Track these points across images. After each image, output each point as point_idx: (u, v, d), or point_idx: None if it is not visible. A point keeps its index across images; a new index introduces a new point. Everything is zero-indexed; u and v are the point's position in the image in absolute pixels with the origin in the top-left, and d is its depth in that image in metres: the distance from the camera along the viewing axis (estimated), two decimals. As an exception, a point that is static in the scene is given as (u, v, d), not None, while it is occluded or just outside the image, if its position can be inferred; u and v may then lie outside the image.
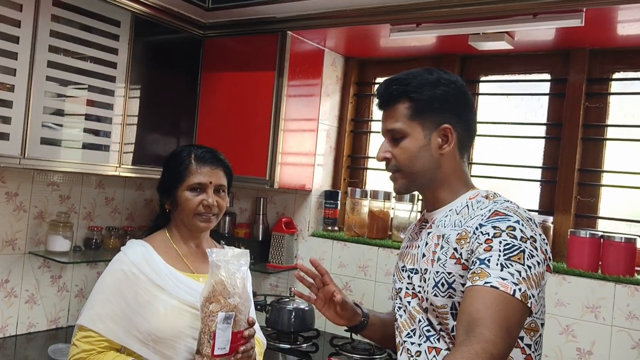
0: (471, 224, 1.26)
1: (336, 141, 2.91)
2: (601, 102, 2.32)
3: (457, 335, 1.13)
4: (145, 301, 1.52)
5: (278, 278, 2.81)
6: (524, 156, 2.47)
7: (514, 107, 2.53)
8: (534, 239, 1.19)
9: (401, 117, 1.34)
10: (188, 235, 1.67)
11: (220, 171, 1.66)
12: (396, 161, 1.36)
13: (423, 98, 1.33)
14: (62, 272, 2.53)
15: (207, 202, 1.61)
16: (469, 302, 1.13)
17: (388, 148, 1.38)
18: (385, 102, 1.38)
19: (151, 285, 1.54)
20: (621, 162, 2.27)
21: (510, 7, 1.98)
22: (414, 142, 1.34)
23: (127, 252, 1.59)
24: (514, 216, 1.22)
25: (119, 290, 1.53)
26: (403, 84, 1.35)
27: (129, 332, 1.50)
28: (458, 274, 1.25)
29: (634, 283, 2.01)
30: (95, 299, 1.54)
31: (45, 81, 2.07)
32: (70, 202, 2.53)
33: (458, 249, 1.26)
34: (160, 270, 1.57)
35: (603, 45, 2.29)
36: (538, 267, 1.17)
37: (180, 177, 1.62)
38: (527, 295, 1.12)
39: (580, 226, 2.29)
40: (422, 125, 1.33)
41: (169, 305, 1.53)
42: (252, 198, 2.93)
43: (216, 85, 2.69)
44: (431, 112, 1.33)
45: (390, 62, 2.84)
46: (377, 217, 2.63)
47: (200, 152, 1.67)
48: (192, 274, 1.63)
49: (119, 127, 2.34)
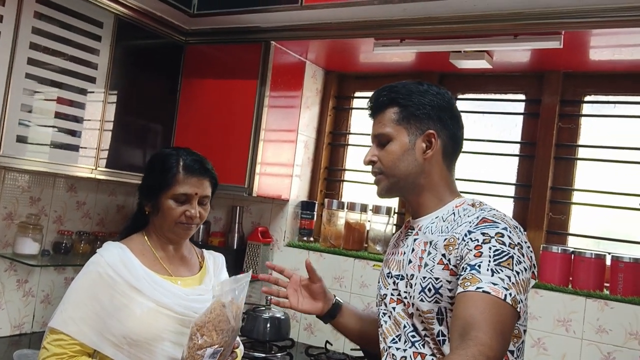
0: (459, 230, 1.28)
1: (314, 153, 2.92)
2: (573, 123, 2.41)
3: (452, 340, 1.14)
4: (121, 304, 1.48)
5: (252, 288, 2.78)
6: (499, 173, 2.54)
7: (489, 125, 2.60)
8: (520, 245, 1.23)
9: (388, 122, 1.39)
10: (166, 240, 1.65)
11: (207, 182, 1.63)
12: (381, 164, 1.40)
13: (410, 104, 1.38)
14: (29, 277, 2.45)
15: (190, 213, 1.58)
16: (462, 307, 1.15)
17: (375, 152, 1.42)
18: (375, 109, 1.43)
19: (128, 287, 1.50)
20: (591, 181, 2.35)
21: (492, 27, 2.05)
22: (398, 146, 1.38)
23: (103, 254, 1.54)
24: (501, 223, 1.25)
25: (94, 292, 1.49)
26: (393, 92, 1.40)
27: (103, 335, 1.46)
28: (445, 279, 1.27)
29: (603, 298, 2.08)
30: (69, 301, 1.49)
31: (24, 78, 2.03)
32: (40, 204, 2.46)
33: (446, 255, 1.28)
34: (138, 272, 1.53)
35: (576, 69, 2.38)
36: (525, 273, 1.20)
37: (166, 183, 1.58)
38: (517, 300, 1.15)
39: (552, 242, 2.36)
40: (408, 129, 1.38)
41: (145, 308, 1.49)
42: (227, 207, 2.91)
43: (196, 92, 2.67)
44: (417, 118, 1.38)
45: (369, 78, 2.89)
46: (353, 229, 2.65)
47: (189, 160, 1.61)
48: (170, 277, 1.60)
49: (96, 129, 2.30)
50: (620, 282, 2.07)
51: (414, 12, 2.10)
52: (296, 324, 2.62)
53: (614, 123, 2.36)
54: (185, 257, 1.69)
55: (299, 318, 2.64)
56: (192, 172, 1.60)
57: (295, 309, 1.54)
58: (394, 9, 2.10)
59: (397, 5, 2.05)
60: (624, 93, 2.33)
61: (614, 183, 2.29)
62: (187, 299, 1.57)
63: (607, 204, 2.29)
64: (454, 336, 1.13)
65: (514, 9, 1.96)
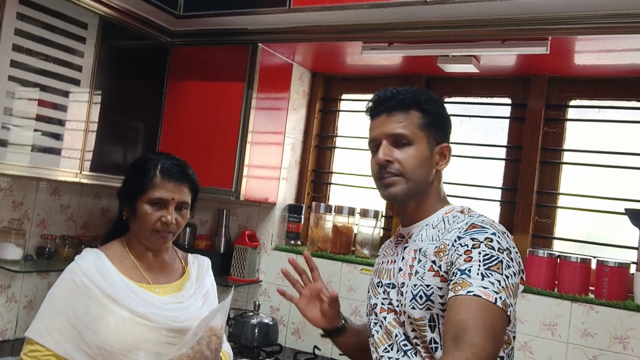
0: (449, 237, 1.29)
1: (301, 155, 2.91)
2: (558, 128, 2.43)
3: (445, 344, 1.14)
4: (96, 313, 1.45)
5: (238, 292, 2.77)
6: (485, 176, 2.55)
7: (475, 129, 2.62)
8: (509, 250, 1.24)
9: (411, 125, 1.35)
10: (145, 247, 1.61)
11: (186, 187, 1.59)
12: (401, 165, 1.35)
13: (432, 112, 1.38)
14: (12, 282, 2.40)
15: (166, 219, 1.54)
16: (454, 312, 1.15)
17: (391, 152, 1.36)
18: (393, 107, 1.37)
19: (103, 296, 1.47)
20: (576, 185, 2.38)
21: (480, 32, 2.06)
22: (420, 152, 1.35)
23: (79, 262, 1.52)
24: (490, 228, 1.27)
25: (69, 301, 1.46)
26: (415, 95, 1.37)
27: (78, 346, 1.44)
28: (436, 286, 1.27)
29: (588, 302, 2.10)
30: (45, 311, 1.47)
31: (7, 81, 1.99)
32: (23, 208, 2.42)
33: (437, 261, 1.28)
34: (113, 281, 1.50)
35: (561, 73, 2.40)
36: (514, 278, 1.21)
37: (143, 188, 1.55)
38: (507, 304, 1.16)
39: (537, 246, 2.38)
40: (428, 138, 1.37)
41: (120, 318, 1.47)
42: (213, 210, 2.89)
43: (182, 94, 2.65)
44: (436, 128, 1.38)
45: (356, 80, 2.88)
46: (340, 232, 2.64)
47: (167, 164, 1.58)
48: (149, 285, 1.57)
49: (81, 132, 2.27)
50: (605, 286, 2.09)
51: (403, 16, 2.10)
52: (284, 328, 2.62)
53: (599, 127, 2.39)
54: (166, 264, 1.65)
55: (287, 322, 2.63)
56: (169, 176, 1.56)
57: (300, 310, 1.50)
58: (382, 13, 2.10)
59: (386, 9, 2.05)
60: (608, 98, 2.36)
61: (599, 187, 2.31)
62: (165, 308, 1.54)
63: (592, 208, 2.31)
64: (447, 340, 1.14)
65: (502, 14, 1.97)
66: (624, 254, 2.23)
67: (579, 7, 1.85)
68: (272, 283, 2.70)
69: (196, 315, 1.58)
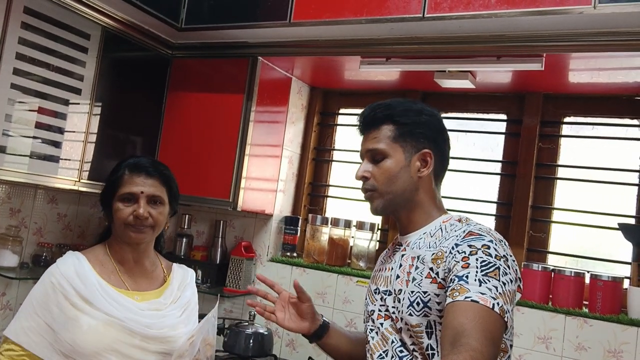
0: (446, 244, 1.31)
1: (298, 168, 2.94)
2: (553, 144, 2.46)
3: (443, 349, 1.15)
4: (72, 314, 1.47)
5: (233, 303, 2.77)
6: (480, 191, 2.57)
7: (471, 144, 2.65)
8: (506, 258, 1.26)
9: (384, 139, 1.40)
10: (126, 248, 1.61)
11: (156, 181, 1.59)
12: (375, 181, 1.41)
13: (407, 122, 1.41)
14: (7, 289, 2.40)
15: (138, 212, 1.54)
16: (452, 317, 1.17)
17: (368, 168, 1.42)
18: (368, 124, 1.44)
19: (78, 298, 1.49)
20: (570, 201, 2.40)
21: (476, 48, 2.10)
22: (394, 163, 1.39)
23: (59, 265, 1.54)
24: (487, 236, 1.29)
25: (46, 303, 1.49)
26: (389, 109, 1.42)
27: (53, 346, 1.46)
28: (434, 292, 1.29)
29: (582, 316, 2.11)
30: (23, 311, 1.50)
31: (9, 89, 2.01)
32: (20, 215, 2.43)
33: (434, 268, 1.30)
34: (91, 283, 1.52)
35: (556, 90, 2.44)
36: (511, 285, 1.23)
37: (114, 186, 1.58)
38: (504, 310, 1.17)
39: (532, 260, 2.40)
40: (404, 147, 1.40)
41: (93, 320, 1.48)
42: (210, 221, 2.90)
43: (182, 106, 2.67)
44: (413, 136, 1.41)
45: (353, 95, 2.92)
46: (337, 245, 2.66)
47: (135, 161, 1.61)
48: (127, 291, 1.58)
49: (80, 141, 2.29)
50: (599, 300, 2.11)
51: (400, 32, 2.14)
52: (278, 339, 2.61)
53: (593, 144, 2.42)
54: (146, 270, 1.66)
55: (282, 334, 2.63)
56: (137, 170, 1.59)
57: (281, 325, 1.55)
58: (380, 28, 2.14)
59: (384, 24, 2.08)
60: (602, 115, 2.40)
61: (592, 202, 2.34)
62: (140, 314, 1.55)
63: (586, 223, 2.34)
64: (445, 345, 1.15)
65: (498, 31, 2.01)
66: (618, 269, 2.25)
67: (573, 25, 1.89)
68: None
69: (173, 324, 1.59)
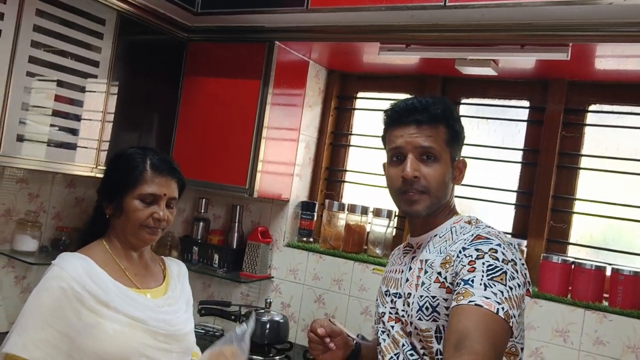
0: (454, 248, 1.29)
1: (315, 153, 2.91)
2: (577, 132, 2.40)
3: (446, 352, 1.13)
4: (93, 320, 1.38)
5: (249, 287, 2.78)
6: (500, 180, 2.53)
7: (492, 131, 2.59)
8: (514, 262, 1.23)
9: (439, 140, 1.35)
10: (129, 246, 1.54)
11: (175, 183, 1.55)
12: (427, 182, 1.34)
13: (456, 129, 1.39)
14: (27, 273, 2.44)
15: (158, 215, 1.49)
16: (455, 320, 1.15)
17: (419, 167, 1.35)
18: (424, 120, 1.35)
19: (96, 302, 1.39)
20: (593, 191, 2.35)
21: (499, 36, 2.03)
22: (444, 168, 1.36)
23: (64, 267, 1.40)
24: (495, 240, 1.26)
25: (59, 310, 1.36)
26: (446, 109, 1.38)
27: (72, 356, 1.36)
28: (442, 297, 1.27)
29: (602, 310, 2.08)
30: (29, 323, 1.35)
31: (25, 77, 2.00)
32: (39, 200, 2.45)
33: (442, 273, 1.28)
34: (106, 285, 1.43)
35: (581, 77, 2.37)
36: (518, 289, 1.20)
37: (132, 182, 1.48)
38: (509, 315, 1.14)
39: (552, 251, 2.36)
40: (450, 153, 1.38)
41: (118, 324, 1.40)
42: (226, 205, 2.90)
43: (198, 90, 2.65)
44: (456, 145, 1.40)
45: (372, 78, 2.86)
46: (353, 231, 2.64)
47: (156, 159, 1.54)
48: (138, 290, 1.52)
49: (97, 128, 2.28)
50: (619, 294, 2.07)
51: (421, 19, 2.08)
52: (294, 325, 2.63)
53: (618, 133, 2.35)
54: (149, 266, 1.61)
55: (297, 319, 2.65)
56: (160, 171, 1.52)
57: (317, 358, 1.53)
58: (400, 15, 2.07)
59: (404, 12, 2.02)
60: (629, 103, 2.32)
61: (616, 194, 2.28)
62: (159, 311, 1.51)
63: (609, 214, 2.29)
64: (448, 348, 1.13)
65: (522, 19, 1.94)
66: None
67: (600, 15, 1.82)
68: (283, 279, 2.72)
69: (185, 320, 1.57)
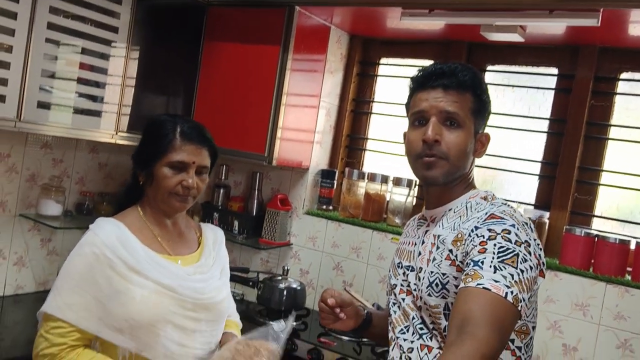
0: (467, 226, 1.26)
1: (336, 120, 2.87)
2: (606, 101, 2.31)
3: (449, 334, 1.11)
4: (121, 286, 1.41)
5: (269, 254, 2.80)
6: (525, 149, 2.47)
7: (518, 99, 2.52)
8: (528, 243, 1.19)
9: (465, 107, 1.31)
10: (162, 213, 1.56)
11: (205, 151, 1.55)
12: (447, 148, 1.30)
13: (483, 99, 1.34)
14: (52, 236, 2.50)
15: (187, 182, 1.50)
16: (461, 302, 1.13)
17: (441, 132, 1.30)
18: (451, 84, 1.30)
19: (127, 269, 1.42)
20: (621, 163, 2.28)
21: (527, 1, 1.95)
22: (467, 136, 1.32)
23: (98, 233, 1.45)
24: (509, 220, 1.22)
25: (91, 275, 1.40)
26: (475, 77, 1.33)
27: (103, 320, 1.40)
28: (452, 275, 1.25)
29: (624, 284, 2.04)
30: (64, 286, 1.41)
31: (44, 43, 2.00)
32: (63, 166, 2.48)
33: (453, 250, 1.26)
34: (137, 252, 1.45)
35: (613, 44, 2.27)
36: (530, 272, 1.16)
37: (161, 150, 1.50)
38: (518, 299, 1.11)
39: (575, 223, 2.31)
40: (474, 124, 1.33)
41: (146, 290, 1.43)
42: (247, 172, 2.91)
43: (218, 55, 2.62)
44: (481, 116, 1.35)
45: (395, 44, 2.80)
46: (373, 200, 2.63)
47: (186, 127, 1.53)
48: (170, 257, 1.53)
49: (117, 93, 2.29)
50: (643, 269, 2.03)
51: (445, -17, 2.00)
52: (312, 291, 2.65)
53: (650, 103, 2.26)
54: (183, 233, 1.62)
55: (316, 286, 2.67)
56: (189, 139, 1.52)
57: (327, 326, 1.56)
58: (423, -21, 2.00)
59: (427, -25, 1.95)
60: (663, 71, 2.22)
61: (645, 166, 2.21)
62: (189, 279, 1.51)
63: (636, 187, 2.22)
64: (451, 331, 1.11)
65: (551, -17, 1.85)
66: (666, 237, 2.15)
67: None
68: (302, 246, 2.73)
69: (217, 287, 1.58)
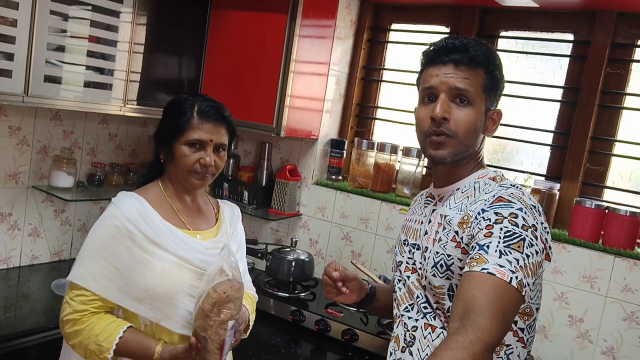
0: (474, 208, 1.24)
1: (346, 88, 2.84)
2: (623, 69, 2.24)
3: (452, 321, 1.10)
4: (141, 258, 1.47)
5: (279, 224, 2.82)
6: (537, 118, 2.42)
7: (531, 67, 2.45)
8: (535, 227, 1.17)
9: (476, 84, 1.27)
10: (182, 190, 1.60)
11: (223, 129, 1.57)
12: (455, 126, 1.27)
13: (496, 76, 1.30)
14: (65, 207, 2.54)
15: (205, 160, 1.52)
16: (465, 288, 1.12)
17: (449, 108, 1.27)
18: (462, 60, 1.27)
19: (147, 241, 1.48)
20: (635, 133, 2.22)
21: (541, -35, 1.87)
22: (477, 114, 1.28)
23: (120, 207, 1.50)
24: (517, 203, 1.20)
25: (112, 247, 1.46)
26: (487, 53, 1.28)
27: (123, 290, 1.46)
28: (457, 257, 1.24)
29: (633, 257, 2.02)
30: (87, 256, 1.47)
31: (49, 15, 1.99)
32: (73, 137, 2.50)
33: (459, 232, 1.25)
34: (157, 226, 1.50)
35: (632, 9, 2.18)
36: (536, 257, 1.15)
37: (180, 129, 1.52)
38: (522, 284, 1.10)
39: (586, 194, 2.28)
40: (486, 101, 1.30)
41: (166, 262, 1.48)
42: (256, 141, 2.90)
43: (225, 23, 2.59)
44: (494, 93, 1.31)
45: (407, 9, 2.73)
46: (382, 170, 2.61)
47: (204, 105, 1.55)
48: (189, 231, 1.58)
49: (124, 63, 2.28)
50: (653, 242, 2.00)
51: (455, -52, 1.93)
52: (322, 260, 2.68)
53: (668, 71, 2.19)
54: (201, 209, 1.66)
55: (325, 255, 2.69)
56: (207, 117, 1.54)
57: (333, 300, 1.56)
58: (433, -56, 1.93)
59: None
60: (684, 38, 2.14)
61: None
62: (207, 253, 1.56)
63: (650, 158, 2.18)
64: (455, 316, 1.10)
65: (566, -53, 1.77)
66: (679, 209, 2.11)
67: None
68: (311, 217, 2.74)
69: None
